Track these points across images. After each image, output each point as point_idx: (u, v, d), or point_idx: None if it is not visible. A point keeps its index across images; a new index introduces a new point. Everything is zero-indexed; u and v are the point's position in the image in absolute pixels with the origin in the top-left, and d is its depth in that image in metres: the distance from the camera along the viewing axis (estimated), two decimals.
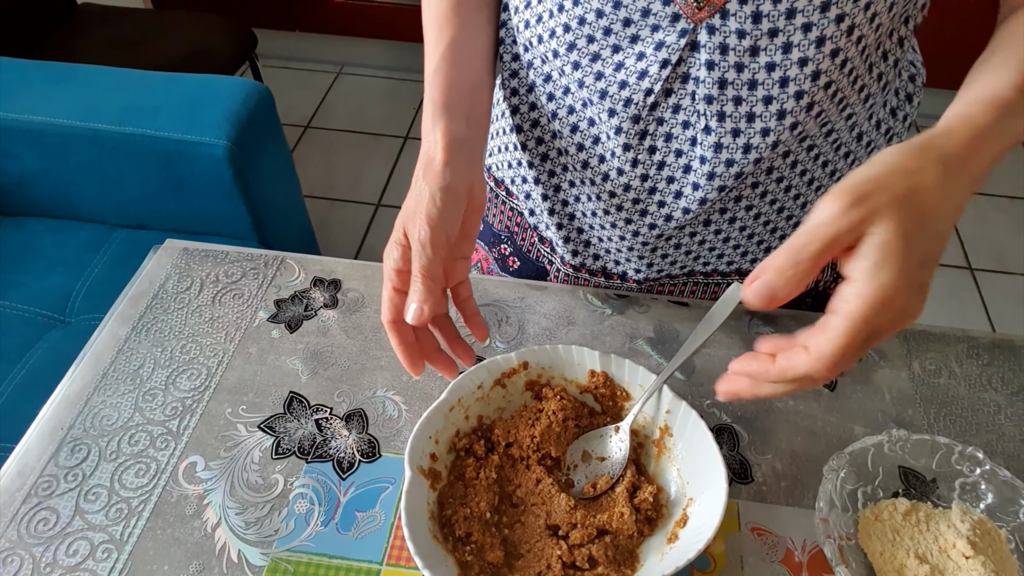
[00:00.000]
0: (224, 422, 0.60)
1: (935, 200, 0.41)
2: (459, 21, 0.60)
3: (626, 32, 0.54)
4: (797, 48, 0.51)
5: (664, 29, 0.53)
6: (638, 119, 0.57)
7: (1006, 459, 0.59)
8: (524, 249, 0.77)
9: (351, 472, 0.57)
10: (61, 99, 1.30)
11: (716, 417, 0.61)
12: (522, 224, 0.76)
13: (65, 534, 0.53)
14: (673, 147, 0.58)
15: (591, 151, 0.62)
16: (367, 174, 2.28)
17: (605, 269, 0.71)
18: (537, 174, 0.68)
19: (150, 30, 1.88)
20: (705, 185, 0.59)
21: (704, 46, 0.52)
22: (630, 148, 0.59)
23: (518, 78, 0.64)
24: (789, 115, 0.54)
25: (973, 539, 0.50)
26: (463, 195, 0.52)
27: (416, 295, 0.51)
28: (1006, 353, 0.67)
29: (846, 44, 0.52)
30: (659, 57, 0.54)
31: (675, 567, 0.47)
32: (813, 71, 0.52)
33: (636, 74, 0.55)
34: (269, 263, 0.73)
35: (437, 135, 0.53)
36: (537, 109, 0.64)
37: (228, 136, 1.25)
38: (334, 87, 2.63)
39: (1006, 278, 2.02)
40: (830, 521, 0.51)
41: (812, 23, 0.50)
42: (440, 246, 0.51)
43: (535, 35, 0.60)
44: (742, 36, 0.51)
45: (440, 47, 0.58)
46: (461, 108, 0.56)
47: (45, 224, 1.40)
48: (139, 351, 0.65)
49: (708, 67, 0.53)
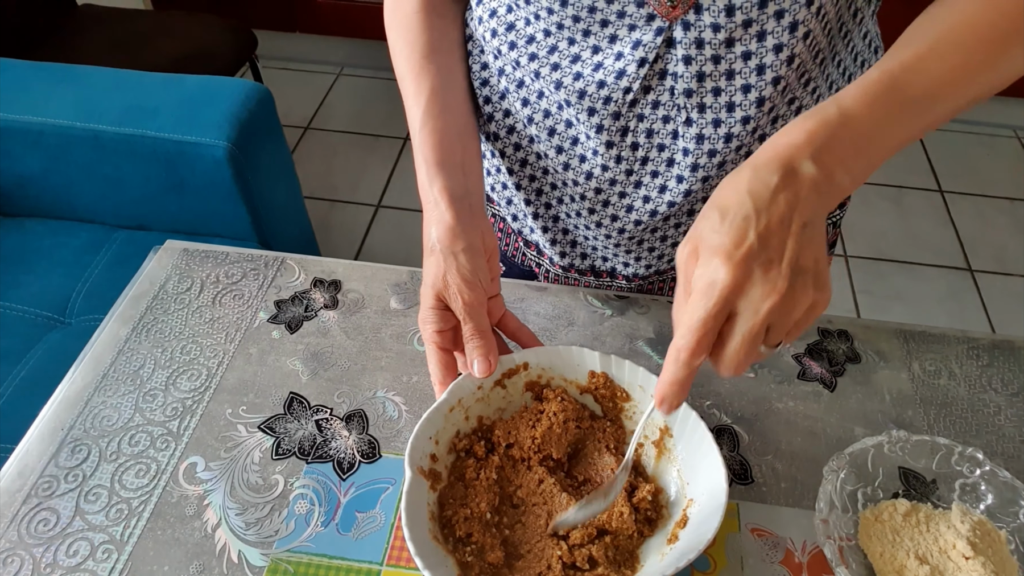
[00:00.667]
0: (224, 423, 0.60)
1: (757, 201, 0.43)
2: (434, 68, 0.61)
3: (604, 32, 0.55)
4: (771, 35, 0.52)
5: (640, 28, 0.53)
6: (618, 116, 0.58)
7: (1006, 460, 0.59)
8: (509, 254, 0.78)
9: (351, 473, 0.57)
10: (61, 99, 1.30)
11: (716, 418, 0.61)
12: (505, 230, 0.76)
13: (65, 534, 0.53)
14: (655, 142, 0.59)
15: (571, 152, 0.62)
16: (367, 175, 2.28)
17: (594, 267, 0.72)
18: (517, 180, 0.68)
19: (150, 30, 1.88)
20: (689, 177, 0.59)
21: (680, 42, 0.53)
22: (612, 145, 0.59)
23: (489, 86, 0.64)
24: (768, 101, 0.55)
25: (973, 540, 0.50)
26: (480, 247, 0.55)
27: (477, 351, 0.54)
28: (1006, 354, 0.67)
29: (815, 25, 0.53)
30: (636, 56, 0.54)
31: (675, 567, 0.46)
32: (788, 56, 0.53)
33: (615, 73, 0.56)
34: (269, 264, 0.73)
35: (437, 195, 0.55)
36: (512, 115, 0.64)
37: (228, 137, 1.25)
38: (334, 88, 2.63)
39: (1006, 279, 2.02)
40: (830, 522, 0.51)
41: (784, 9, 0.51)
42: (482, 302, 0.54)
43: (505, 42, 0.60)
44: (717, 29, 0.52)
45: (421, 100, 0.59)
46: (454, 160, 0.57)
47: (45, 225, 1.40)
48: (139, 352, 0.65)
49: (685, 62, 0.54)
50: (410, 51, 0.61)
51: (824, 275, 0.44)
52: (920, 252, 2.08)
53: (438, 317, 0.55)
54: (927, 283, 2.00)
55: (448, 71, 0.62)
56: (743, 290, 0.42)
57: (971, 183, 2.29)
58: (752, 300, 0.42)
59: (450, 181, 0.56)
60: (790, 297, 0.42)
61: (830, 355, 0.66)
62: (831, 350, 0.67)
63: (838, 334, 0.68)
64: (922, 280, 2.01)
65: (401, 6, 0.63)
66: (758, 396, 0.63)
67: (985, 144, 2.44)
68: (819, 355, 0.66)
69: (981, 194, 2.26)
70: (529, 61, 0.59)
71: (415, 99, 0.59)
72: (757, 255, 0.42)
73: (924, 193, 2.27)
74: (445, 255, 0.54)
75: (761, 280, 0.42)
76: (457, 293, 0.53)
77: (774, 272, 0.42)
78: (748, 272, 0.42)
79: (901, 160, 2.36)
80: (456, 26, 0.65)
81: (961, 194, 2.26)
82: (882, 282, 2.00)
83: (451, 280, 0.54)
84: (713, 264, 0.42)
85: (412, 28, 0.62)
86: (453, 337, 0.56)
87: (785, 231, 0.42)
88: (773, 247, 0.42)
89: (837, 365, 0.65)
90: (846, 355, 0.66)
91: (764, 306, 0.42)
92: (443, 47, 0.62)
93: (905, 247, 2.10)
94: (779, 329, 0.43)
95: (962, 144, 2.43)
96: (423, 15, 0.62)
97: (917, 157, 2.39)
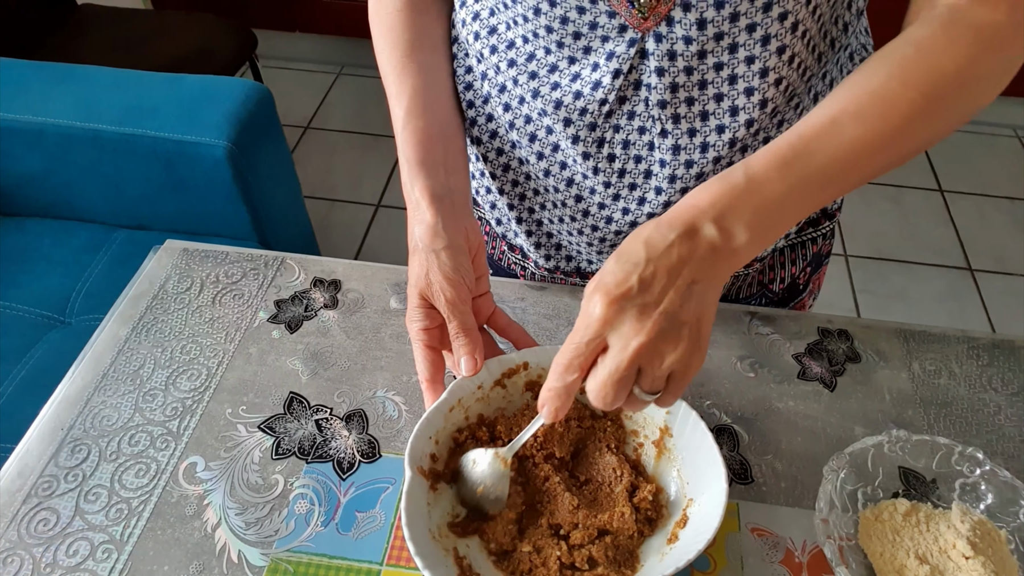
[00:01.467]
0: (224, 422, 0.60)
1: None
2: (416, 67, 0.61)
3: (578, 44, 0.55)
4: (743, 48, 0.52)
5: (613, 40, 0.53)
6: (594, 127, 0.58)
7: (1006, 460, 0.59)
8: (495, 258, 0.78)
9: (351, 472, 0.57)
10: (61, 99, 1.30)
11: (716, 418, 0.61)
12: (491, 233, 0.76)
13: (65, 534, 0.53)
14: (632, 153, 0.59)
15: (552, 159, 0.62)
16: (367, 174, 2.28)
17: (580, 269, 0.72)
18: (501, 184, 0.68)
19: (150, 30, 1.88)
20: (668, 188, 0.59)
21: (653, 54, 0.53)
22: (589, 156, 0.59)
23: (472, 90, 0.64)
24: (742, 111, 0.55)
25: (973, 540, 0.50)
26: (463, 245, 0.55)
27: (463, 348, 0.54)
28: (1006, 354, 0.67)
29: (791, 40, 0.53)
30: (611, 67, 0.54)
31: (675, 567, 0.47)
32: (761, 68, 0.53)
33: (590, 84, 0.56)
34: (269, 263, 0.73)
35: (418, 195, 0.56)
36: (495, 120, 0.63)
37: (228, 136, 1.25)
38: (334, 87, 2.63)
39: (1006, 279, 2.02)
40: (830, 521, 0.51)
41: (756, 23, 0.51)
42: (465, 299, 0.54)
43: (487, 46, 0.60)
44: (689, 42, 0.52)
45: (403, 99, 0.59)
46: (436, 159, 0.57)
47: (45, 224, 1.40)
48: (139, 351, 0.65)
49: (658, 73, 0.53)
50: (392, 50, 0.61)
51: (704, 337, 0.46)
52: (920, 252, 2.08)
53: (423, 315, 0.56)
54: (927, 283, 2.00)
55: (430, 68, 0.62)
56: (613, 326, 0.44)
57: (971, 183, 2.29)
58: (622, 337, 0.44)
59: (431, 180, 0.56)
60: (660, 341, 0.44)
61: (830, 355, 0.66)
62: (831, 350, 0.67)
63: (838, 334, 0.68)
64: (922, 280, 2.01)
65: (383, 4, 0.63)
66: (758, 396, 0.63)
67: (985, 144, 2.43)
68: (819, 355, 0.66)
69: (981, 193, 2.26)
70: (508, 67, 0.59)
71: (397, 99, 0.60)
72: (634, 297, 0.44)
73: (924, 192, 2.27)
74: (427, 253, 0.54)
75: (633, 320, 0.44)
76: (440, 291, 0.54)
77: (646, 316, 0.44)
78: (621, 311, 0.44)
79: None
80: (440, 23, 0.65)
81: (961, 193, 2.26)
82: (882, 282, 2.00)
83: (433, 278, 0.54)
84: (595, 300, 0.44)
85: (394, 27, 0.62)
86: (440, 335, 0.57)
87: (670, 282, 0.44)
88: (652, 293, 0.44)
89: (837, 365, 0.65)
90: (846, 355, 0.66)
91: (631, 344, 0.44)
92: (426, 44, 0.62)
93: (905, 247, 2.10)
94: (649, 374, 0.45)
95: (962, 144, 2.43)
96: (405, 13, 0.62)
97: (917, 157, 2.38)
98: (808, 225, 0.71)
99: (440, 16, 0.65)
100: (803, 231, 0.71)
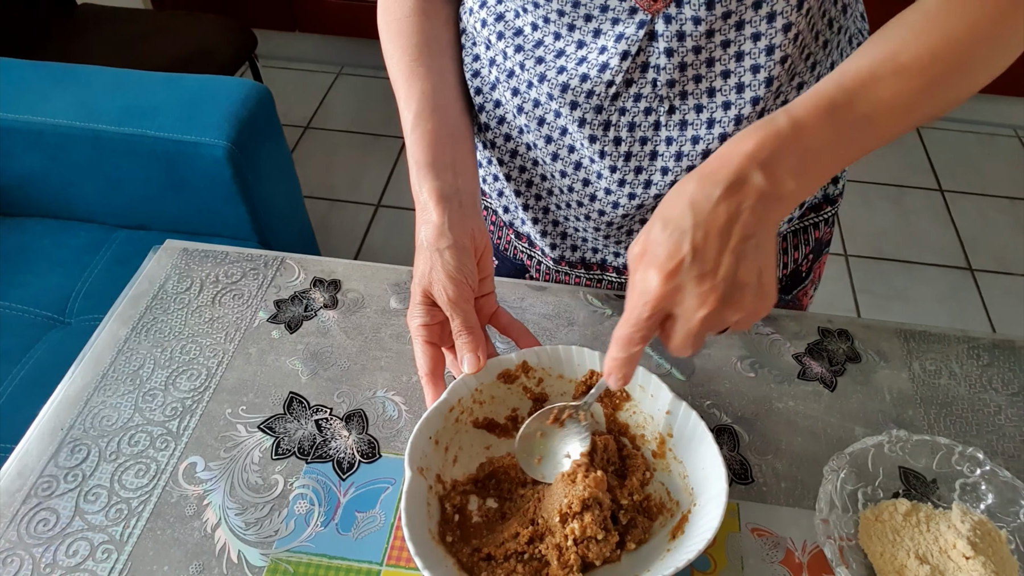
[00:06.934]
0: (224, 422, 0.60)
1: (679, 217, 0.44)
2: (424, 70, 0.61)
3: (588, 27, 0.55)
4: (749, 24, 0.53)
5: (623, 22, 0.54)
6: (600, 109, 0.58)
7: (1006, 460, 0.59)
8: (501, 247, 0.78)
9: (351, 473, 0.57)
10: (61, 99, 1.30)
11: (716, 418, 0.61)
12: (497, 222, 0.77)
13: (65, 534, 0.53)
14: (637, 135, 0.59)
15: (560, 142, 0.62)
16: (367, 174, 2.28)
17: (584, 259, 0.72)
18: (507, 171, 0.68)
19: (150, 30, 1.88)
20: (674, 167, 0.59)
21: (662, 35, 0.54)
22: (596, 140, 0.60)
23: (480, 77, 0.65)
24: (748, 88, 0.56)
25: (973, 540, 0.50)
26: (468, 245, 0.55)
27: (466, 346, 0.54)
28: (1006, 354, 0.67)
29: (796, 17, 0.53)
30: (619, 49, 0.55)
31: (675, 567, 0.46)
32: (767, 45, 0.54)
33: (597, 67, 0.56)
34: (269, 263, 0.73)
35: (426, 196, 0.56)
36: (502, 106, 0.64)
37: (228, 136, 1.25)
38: (334, 87, 2.63)
39: (1006, 279, 2.02)
40: (830, 522, 0.51)
41: (762, 1, 0.52)
42: (468, 298, 0.55)
43: (494, 32, 0.61)
44: (697, 22, 0.53)
45: (412, 103, 0.60)
46: (444, 161, 0.58)
47: (45, 224, 1.40)
48: (139, 351, 0.65)
49: (667, 54, 0.54)
50: (401, 54, 0.62)
51: (767, 285, 0.45)
52: (920, 251, 2.08)
53: (424, 312, 0.56)
54: (927, 283, 2.00)
55: (439, 72, 0.62)
56: (674, 300, 0.44)
57: (971, 182, 2.29)
58: (686, 308, 0.44)
59: (439, 181, 0.56)
60: (723, 308, 0.44)
61: (830, 355, 0.66)
62: (831, 350, 0.67)
63: (838, 334, 0.68)
64: (922, 280, 2.01)
65: (392, 10, 0.64)
66: (758, 396, 0.63)
67: (985, 143, 2.43)
68: (819, 355, 0.66)
69: (981, 193, 2.26)
70: (515, 52, 0.60)
71: (406, 102, 0.60)
72: (689, 268, 0.43)
73: (924, 192, 2.27)
74: (431, 252, 0.55)
75: (693, 291, 0.44)
76: (442, 289, 0.54)
77: (707, 285, 0.43)
78: (678, 284, 0.44)
79: (901, 159, 2.36)
80: (448, 28, 0.65)
81: (961, 193, 2.26)
82: (882, 281, 2.00)
83: (436, 277, 0.55)
84: (648, 274, 0.44)
85: (403, 32, 0.63)
86: (440, 332, 0.57)
87: (723, 245, 0.43)
88: (708, 260, 0.43)
89: (837, 365, 0.65)
90: (846, 355, 0.66)
91: (697, 315, 0.44)
92: (434, 49, 0.63)
93: (905, 246, 2.10)
94: (720, 325, 0.46)
95: (962, 144, 2.43)
96: (414, 18, 0.63)
97: (917, 156, 2.39)
98: (810, 210, 0.71)
99: (448, 21, 0.66)
100: (805, 216, 0.71)
